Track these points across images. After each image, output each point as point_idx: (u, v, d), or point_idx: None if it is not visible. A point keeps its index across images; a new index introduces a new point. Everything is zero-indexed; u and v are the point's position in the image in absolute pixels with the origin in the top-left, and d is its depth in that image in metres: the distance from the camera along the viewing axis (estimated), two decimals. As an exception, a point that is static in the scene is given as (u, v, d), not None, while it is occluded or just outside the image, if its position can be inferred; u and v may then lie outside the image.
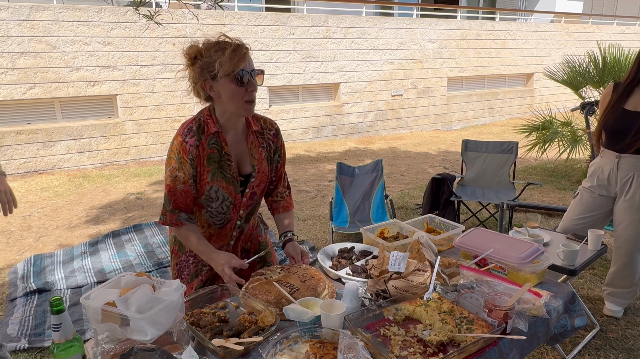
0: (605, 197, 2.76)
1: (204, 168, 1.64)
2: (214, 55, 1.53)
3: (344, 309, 1.36)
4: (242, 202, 1.75)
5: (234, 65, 1.51)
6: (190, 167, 1.62)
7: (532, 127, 6.22)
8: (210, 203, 1.71)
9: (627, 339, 2.71)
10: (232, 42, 1.55)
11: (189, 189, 1.64)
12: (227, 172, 1.67)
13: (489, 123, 11.46)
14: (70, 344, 1.16)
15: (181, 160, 1.61)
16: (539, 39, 11.87)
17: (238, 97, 1.56)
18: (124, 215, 5.04)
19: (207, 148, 1.63)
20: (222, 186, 1.68)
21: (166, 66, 7.36)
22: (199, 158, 1.63)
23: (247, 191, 1.74)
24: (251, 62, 1.59)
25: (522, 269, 1.64)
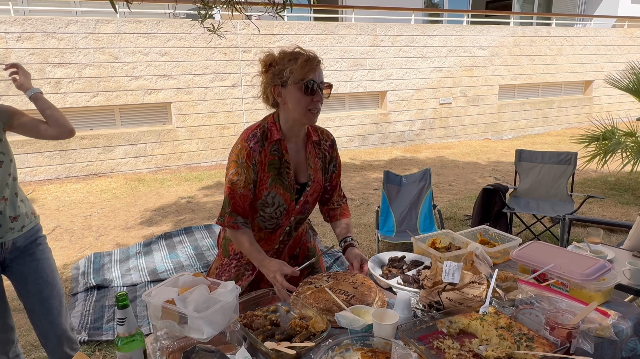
0: None
1: (264, 174, 1.68)
2: (287, 63, 1.59)
3: (397, 319, 1.34)
4: (294, 209, 1.78)
5: (304, 74, 1.56)
6: (252, 172, 1.66)
7: (592, 137, 5.89)
8: (265, 208, 1.74)
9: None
10: (306, 53, 1.60)
11: (247, 193, 1.68)
12: (285, 180, 1.71)
13: (542, 132, 10.98)
14: (133, 338, 1.21)
15: (244, 165, 1.65)
16: (599, 45, 11.27)
17: (303, 105, 1.60)
18: (175, 217, 5.24)
19: (268, 154, 1.68)
20: (279, 193, 1.71)
21: (217, 75, 7.62)
22: (260, 164, 1.67)
23: (301, 199, 1.77)
24: (321, 74, 1.63)
25: (587, 286, 1.55)
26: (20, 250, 1.87)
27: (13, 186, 1.83)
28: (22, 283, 1.90)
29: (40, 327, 1.95)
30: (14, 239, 1.82)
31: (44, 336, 1.96)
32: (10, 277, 1.91)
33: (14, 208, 1.81)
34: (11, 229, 1.80)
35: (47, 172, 6.75)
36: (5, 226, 1.78)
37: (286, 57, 1.60)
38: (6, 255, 1.84)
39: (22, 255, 1.88)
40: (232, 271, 1.84)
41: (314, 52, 1.64)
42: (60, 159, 6.81)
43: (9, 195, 1.80)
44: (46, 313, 1.93)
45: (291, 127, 1.70)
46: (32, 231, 1.91)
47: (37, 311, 1.92)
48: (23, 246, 1.87)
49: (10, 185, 1.81)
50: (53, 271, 1.97)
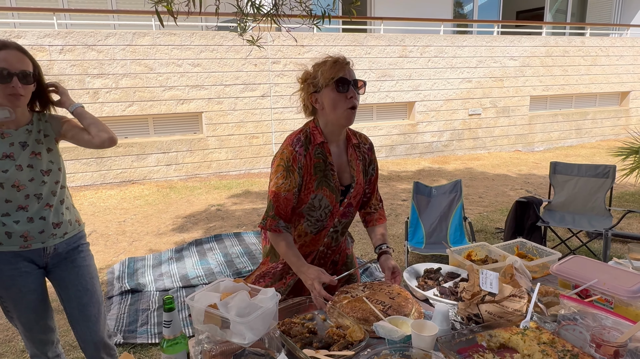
0: None
1: (310, 177, 1.72)
2: (317, 68, 1.68)
3: (437, 330, 1.33)
4: (338, 211, 1.81)
5: (334, 73, 1.63)
6: (298, 176, 1.70)
7: (630, 149, 5.69)
8: (312, 211, 1.77)
9: None
10: (335, 56, 1.68)
11: (291, 197, 1.71)
12: (331, 181, 1.76)
13: (576, 144, 10.68)
14: (177, 341, 1.25)
15: (290, 169, 1.69)
16: (636, 55, 10.94)
17: (339, 104, 1.65)
18: (205, 224, 5.34)
19: (313, 157, 1.73)
20: (325, 195, 1.75)
21: (248, 85, 7.77)
22: (306, 167, 1.72)
23: (345, 201, 1.81)
24: (352, 73, 1.69)
25: (633, 304, 1.50)
26: (62, 256, 1.94)
27: (60, 194, 1.91)
28: (62, 288, 1.96)
29: (78, 332, 2.00)
30: (55, 245, 1.89)
31: (82, 341, 2.02)
32: (53, 282, 1.98)
33: (57, 215, 1.89)
34: (53, 235, 1.87)
35: (83, 178, 7.00)
36: (48, 232, 1.85)
37: (316, 66, 1.69)
38: (48, 260, 1.91)
39: (63, 261, 1.94)
40: (277, 273, 1.87)
41: (343, 55, 1.71)
42: (96, 166, 7.06)
43: (55, 202, 1.88)
44: (84, 320, 1.99)
45: (331, 131, 1.75)
46: (75, 238, 1.98)
47: (76, 317, 1.97)
48: (64, 252, 1.94)
49: (57, 193, 1.89)
50: (93, 278, 2.02)
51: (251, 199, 6.39)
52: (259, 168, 8.14)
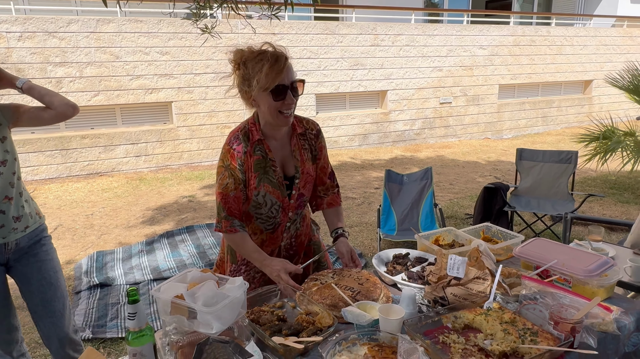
0: None
1: (251, 174, 1.69)
2: (251, 70, 1.57)
3: (403, 314, 1.36)
4: (290, 205, 1.78)
5: (271, 81, 1.54)
6: (240, 173, 1.67)
7: (592, 136, 5.91)
8: (259, 209, 1.75)
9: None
10: (270, 54, 1.56)
11: (240, 194, 1.69)
12: (273, 177, 1.71)
13: (542, 132, 11.01)
14: (143, 333, 1.23)
15: (230, 167, 1.67)
16: (598, 45, 11.30)
17: (274, 110, 1.60)
18: (177, 216, 5.25)
19: (253, 154, 1.68)
20: (268, 191, 1.71)
21: (218, 74, 7.63)
22: (247, 164, 1.67)
23: (293, 193, 1.77)
24: (290, 72, 1.59)
25: (590, 282, 1.57)
26: (24, 251, 1.87)
27: (18, 185, 1.84)
28: (25, 284, 1.90)
29: (42, 329, 1.95)
30: (17, 239, 1.83)
31: (47, 338, 1.96)
32: (14, 278, 1.91)
33: (17, 208, 1.82)
34: (14, 229, 1.81)
35: (48, 171, 6.76)
36: (8, 227, 1.78)
37: (252, 60, 1.57)
38: (10, 256, 1.84)
39: (25, 255, 1.88)
40: (242, 276, 1.81)
41: (282, 49, 1.60)
42: (61, 158, 6.82)
43: (14, 194, 1.80)
44: (49, 315, 1.93)
45: (270, 127, 1.70)
46: (36, 231, 1.91)
47: (40, 312, 1.91)
48: (26, 246, 1.87)
49: (15, 184, 1.82)
50: (57, 272, 1.96)
51: (224, 190, 6.31)
52: (232, 158, 8.04)
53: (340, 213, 1.92)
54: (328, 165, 1.91)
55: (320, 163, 1.86)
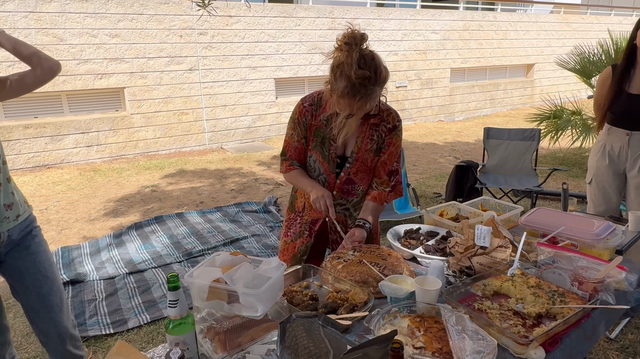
0: (615, 173, 2.79)
1: (310, 136, 1.78)
2: (334, 78, 1.54)
3: (439, 285, 1.38)
4: (335, 183, 1.80)
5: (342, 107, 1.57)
6: (302, 128, 1.76)
7: (543, 116, 6.28)
8: (311, 171, 1.84)
9: (665, 318, 2.77)
10: (358, 77, 1.50)
11: (301, 147, 1.81)
12: (327, 150, 1.76)
13: (491, 114, 11.54)
14: (185, 320, 1.16)
15: (296, 121, 1.77)
16: (539, 30, 11.95)
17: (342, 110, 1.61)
18: (142, 207, 5.01)
19: (319, 121, 1.74)
20: (318, 160, 1.78)
21: (173, 58, 7.29)
22: (310, 126, 1.75)
23: (342, 175, 1.79)
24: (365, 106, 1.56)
25: (596, 245, 1.67)
26: (15, 243, 1.71)
27: (4, 170, 1.66)
28: (18, 279, 1.74)
29: (40, 326, 1.80)
30: (9, 230, 1.66)
31: (45, 335, 1.82)
32: (5, 274, 1.74)
33: (7, 195, 1.65)
34: (6, 219, 1.64)
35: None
36: (0, 216, 1.62)
37: (338, 70, 1.53)
38: (1, 249, 1.67)
39: (17, 248, 1.71)
40: (297, 226, 1.92)
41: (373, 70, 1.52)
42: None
43: (2, 180, 1.63)
44: (47, 311, 1.78)
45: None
46: (27, 221, 1.75)
47: (37, 308, 1.76)
48: (18, 238, 1.71)
49: (2, 169, 1.64)
50: (52, 264, 1.81)
51: (187, 178, 6.10)
52: (191, 146, 7.76)
53: (377, 211, 1.84)
54: (393, 163, 1.82)
55: (383, 158, 1.80)
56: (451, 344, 1.14)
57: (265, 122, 8.41)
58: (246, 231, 4.22)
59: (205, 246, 3.89)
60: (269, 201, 4.95)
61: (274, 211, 4.74)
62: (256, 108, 8.25)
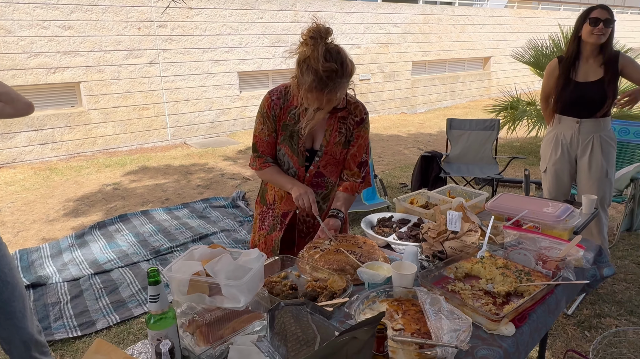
0: (568, 161, 2.96)
1: (279, 129, 1.77)
2: (302, 73, 1.54)
3: (415, 269, 1.43)
4: (305, 177, 1.81)
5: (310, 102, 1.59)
6: (272, 122, 1.75)
7: (501, 107, 6.53)
8: (281, 165, 1.84)
9: (615, 294, 2.98)
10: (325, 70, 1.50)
11: (273, 141, 1.79)
12: (295, 144, 1.77)
13: (451, 106, 11.86)
14: (165, 315, 1.15)
15: (265, 114, 1.75)
16: (494, 24, 12.36)
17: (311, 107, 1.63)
18: (104, 206, 4.84)
19: (287, 115, 1.74)
20: (287, 153, 1.79)
21: (132, 52, 7.05)
22: (279, 118, 1.75)
23: (311, 168, 1.80)
24: (334, 97, 1.57)
25: (557, 226, 1.78)
26: None
27: None
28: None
29: (2, 333, 1.72)
30: None
31: (8, 343, 1.74)
32: None
33: None
34: None
35: None
36: None
37: (305, 64, 1.53)
38: None
39: None
40: (270, 219, 1.92)
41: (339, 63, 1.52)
42: (-53, 150, 5.88)
43: None
44: (8, 317, 1.70)
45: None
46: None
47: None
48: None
49: None
50: (12, 269, 1.73)
51: (151, 175, 5.94)
52: (153, 142, 7.55)
53: (349, 201, 1.86)
54: (362, 154, 1.85)
55: (352, 150, 1.82)
56: (429, 324, 1.19)
57: (230, 117, 8.30)
58: (215, 227, 4.17)
59: (173, 243, 3.82)
60: (237, 196, 4.91)
61: (242, 206, 4.71)
62: (220, 103, 8.13)
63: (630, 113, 5.25)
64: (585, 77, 2.81)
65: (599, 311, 2.79)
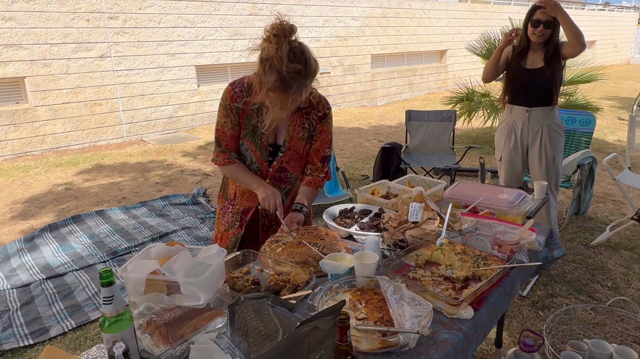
0: (520, 149, 3.10)
1: (242, 123, 1.74)
2: (265, 72, 1.51)
3: (377, 258, 1.44)
4: (268, 172, 1.79)
5: (273, 102, 1.56)
6: (236, 115, 1.71)
7: (457, 98, 6.72)
8: (243, 159, 1.80)
9: (565, 274, 3.14)
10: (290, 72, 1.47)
11: (236, 134, 1.75)
12: (258, 139, 1.74)
13: (409, 98, 12.08)
14: (121, 317, 1.10)
15: (228, 107, 1.70)
16: (449, 18, 12.66)
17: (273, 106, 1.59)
18: (56, 207, 4.61)
19: (249, 109, 1.70)
20: (250, 148, 1.75)
21: (81, 44, 6.72)
22: (242, 111, 1.71)
23: (274, 164, 1.78)
24: (298, 99, 1.54)
25: (510, 212, 1.84)
26: None
27: None
28: None
29: None
30: None
31: None
32: None
33: None
34: None
35: None
36: None
37: (268, 63, 1.49)
38: None
39: None
40: (229, 215, 1.89)
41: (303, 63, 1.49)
42: None
43: None
44: None
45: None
46: None
47: None
48: None
49: None
50: None
51: (106, 173, 5.71)
52: (107, 139, 7.25)
53: (312, 196, 1.87)
54: (325, 149, 1.85)
55: (315, 145, 1.82)
56: (391, 312, 1.21)
57: (188, 112, 8.09)
58: (175, 225, 4.06)
59: (131, 243, 3.69)
60: (197, 193, 4.80)
61: (203, 203, 4.61)
62: (177, 97, 7.90)
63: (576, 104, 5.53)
64: (532, 64, 2.94)
65: (551, 291, 2.93)
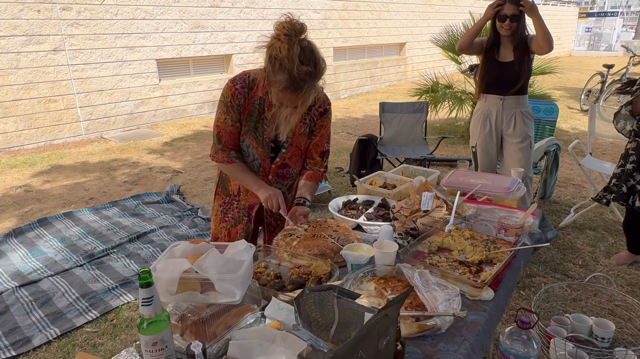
0: (495, 136, 3.26)
1: (244, 120, 1.72)
2: (274, 72, 1.50)
3: (397, 247, 1.48)
4: (270, 168, 1.78)
5: (283, 101, 1.56)
6: (236, 112, 1.69)
7: (422, 90, 6.88)
8: (245, 157, 1.78)
9: (540, 255, 3.33)
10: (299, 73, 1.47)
11: (236, 131, 1.73)
12: (260, 135, 1.72)
13: (371, 90, 12.25)
14: (160, 318, 1.07)
15: (229, 104, 1.68)
16: (407, 11, 12.91)
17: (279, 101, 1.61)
18: (17, 211, 4.34)
19: (250, 105, 1.68)
20: (252, 145, 1.74)
21: (32, 37, 6.30)
22: (243, 108, 1.69)
23: (277, 160, 1.78)
24: (307, 99, 1.55)
25: (507, 197, 1.94)
26: None
27: None
28: None
29: None
30: None
31: None
32: None
33: None
34: None
35: None
36: None
37: (277, 63, 1.48)
38: None
39: None
40: (234, 211, 1.87)
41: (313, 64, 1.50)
42: None
43: None
44: None
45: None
46: None
47: None
48: None
49: None
50: None
51: (66, 173, 5.42)
52: (64, 137, 6.88)
53: (313, 190, 1.89)
54: (324, 144, 1.87)
55: (315, 140, 1.84)
56: (421, 297, 1.25)
57: (150, 107, 7.80)
58: (152, 224, 3.94)
59: (108, 245, 3.55)
60: (171, 191, 4.66)
61: (179, 200, 4.49)
62: (138, 92, 7.60)
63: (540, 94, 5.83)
64: (504, 57, 3.09)
65: (529, 271, 3.11)
